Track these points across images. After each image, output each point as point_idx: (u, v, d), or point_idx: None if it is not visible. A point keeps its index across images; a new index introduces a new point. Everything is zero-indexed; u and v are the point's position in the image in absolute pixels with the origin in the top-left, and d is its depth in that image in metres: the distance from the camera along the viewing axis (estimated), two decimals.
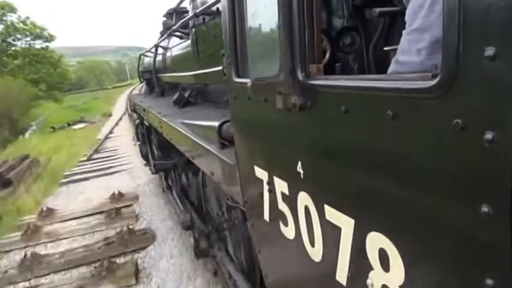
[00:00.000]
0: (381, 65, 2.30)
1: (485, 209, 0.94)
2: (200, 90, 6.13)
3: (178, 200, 7.37)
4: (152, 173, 9.32)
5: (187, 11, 7.05)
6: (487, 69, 0.88)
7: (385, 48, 2.21)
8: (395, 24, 2.32)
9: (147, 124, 8.45)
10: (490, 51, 0.86)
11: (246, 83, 2.21)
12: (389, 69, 1.63)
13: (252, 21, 2.21)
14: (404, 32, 1.55)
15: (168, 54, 7.77)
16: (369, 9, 2.41)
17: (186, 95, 6.28)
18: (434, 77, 1.03)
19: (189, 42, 5.72)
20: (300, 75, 1.69)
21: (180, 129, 4.33)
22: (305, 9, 1.69)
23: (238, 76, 2.38)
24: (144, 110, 7.83)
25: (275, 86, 1.77)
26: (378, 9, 2.16)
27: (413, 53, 1.48)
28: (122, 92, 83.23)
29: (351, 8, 2.47)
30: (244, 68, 2.33)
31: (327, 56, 2.32)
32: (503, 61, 0.85)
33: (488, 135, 0.90)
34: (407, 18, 1.52)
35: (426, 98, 1.07)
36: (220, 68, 3.51)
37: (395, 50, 2.16)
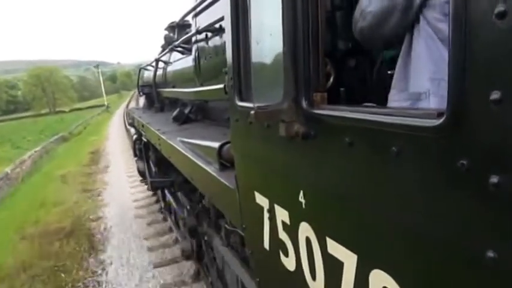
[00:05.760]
0: (384, 90, 2.27)
1: (490, 254, 0.92)
2: (200, 107, 6.09)
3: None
4: (149, 190, 9.17)
5: (189, 25, 7.04)
6: (492, 112, 0.87)
7: (390, 72, 2.18)
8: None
9: (145, 140, 8.37)
10: (495, 95, 0.86)
11: (248, 107, 2.17)
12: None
13: (256, 46, 2.18)
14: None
15: (169, 69, 7.75)
16: None
17: (186, 111, 6.24)
18: (439, 115, 1.02)
19: (190, 57, 5.70)
20: (304, 104, 1.66)
21: (179, 148, 4.28)
22: (310, 36, 1.66)
23: (241, 100, 2.35)
24: (142, 126, 7.78)
25: (278, 113, 1.73)
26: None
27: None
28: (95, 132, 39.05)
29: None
30: (248, 92, 2.30)
31: (331, 80, 2.28)
32: (509, 105, 0.84)
33: (494, 179, 0.89)
34: None
35: (431, 137, 1.05)
36: (221, 85, 3.48)
37: None
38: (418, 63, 1.51)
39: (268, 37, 2.12)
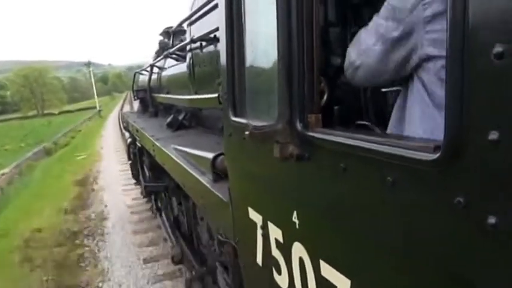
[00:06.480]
0: (379, 106, 2.27)
1: None
2: (194, 114, 6.10)
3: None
4: (143, 196, 9.16)
5: (184, 31, 7.04)
6: (490, 152, 0.87)
7: (383, 90, 2.19)
8: None
9: (139, 145, 8.35)
10: (493, 135, 0.85)
11: (242, 123, 2.17)
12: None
13: (250, 62, 2.18)
14: None
15: (164, 74, 7.75)
16: None
17: (180, 117, 6.24)
18: (436, 149, 1.01)
19: (185, 64, 5.70)
20: (298, 125, 1.66)
21: (173, 157, 4.27)
22: (305, 57, 1.66)
23: (235, 115, 2.35)
24: (137, 131, 7.77)
25: (273, 134, 1.74)
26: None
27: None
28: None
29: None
30: (242, 107, 2.30)
31: (325, 97, 2.28)
32: (506, 146, 0.84)
33: (492, 220, 0.88)
34: None
35: (427, 171, 1.05)
36: (215, 95, 3.48)
37: (392, 91, 2.15)
38: (411, 126, 1.47)
39: (262, 54, 2.12)
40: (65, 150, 29.86)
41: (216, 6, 3.56)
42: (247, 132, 1.72)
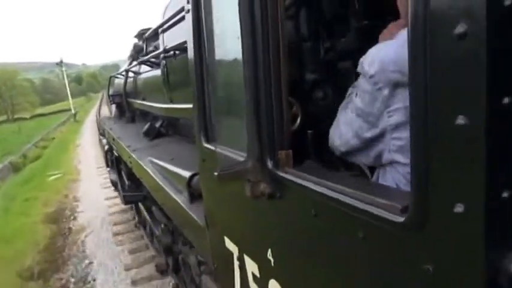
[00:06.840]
0: None
1: None
2: (171, 122, 5.99)
3: None
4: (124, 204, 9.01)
5: (158, 34, 6.90)
6: (456, 224, 0.85)
7: None
8: None
9: (116, 154, 8.20)
10: (459, 208, 0.83)
11: (214, 150, 2.12)
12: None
13: (221, 92, 2.12)
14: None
15: (139, 78, 7.60)
16: (342, 62, 2.33)
17: (157, 125, 6.12)
18: (403, 210, 0.98)
19: (159, 71, 5.59)
20: (269, 164, 1.61)
21: (150, 172, 4.18)
22: (273, 93, 1.60)
23: (208, 141, 2.28)
24: (113, 139, 7.61)
25: (243, 173, 1.68)
26: None
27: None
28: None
29: (323, 63, 2.39)
30: (214, 134, 2.23)
31: (298, 121, 2.23)
32: (471, 218, 0.82)
33: None
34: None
35: (396, 232, 1.02)
36: (190, 105, 3.41)
37: None
38: None
39: (230, 82, 2.06)
40: (35, 166, 24.04)
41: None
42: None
